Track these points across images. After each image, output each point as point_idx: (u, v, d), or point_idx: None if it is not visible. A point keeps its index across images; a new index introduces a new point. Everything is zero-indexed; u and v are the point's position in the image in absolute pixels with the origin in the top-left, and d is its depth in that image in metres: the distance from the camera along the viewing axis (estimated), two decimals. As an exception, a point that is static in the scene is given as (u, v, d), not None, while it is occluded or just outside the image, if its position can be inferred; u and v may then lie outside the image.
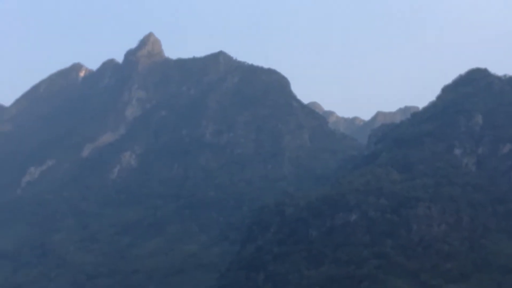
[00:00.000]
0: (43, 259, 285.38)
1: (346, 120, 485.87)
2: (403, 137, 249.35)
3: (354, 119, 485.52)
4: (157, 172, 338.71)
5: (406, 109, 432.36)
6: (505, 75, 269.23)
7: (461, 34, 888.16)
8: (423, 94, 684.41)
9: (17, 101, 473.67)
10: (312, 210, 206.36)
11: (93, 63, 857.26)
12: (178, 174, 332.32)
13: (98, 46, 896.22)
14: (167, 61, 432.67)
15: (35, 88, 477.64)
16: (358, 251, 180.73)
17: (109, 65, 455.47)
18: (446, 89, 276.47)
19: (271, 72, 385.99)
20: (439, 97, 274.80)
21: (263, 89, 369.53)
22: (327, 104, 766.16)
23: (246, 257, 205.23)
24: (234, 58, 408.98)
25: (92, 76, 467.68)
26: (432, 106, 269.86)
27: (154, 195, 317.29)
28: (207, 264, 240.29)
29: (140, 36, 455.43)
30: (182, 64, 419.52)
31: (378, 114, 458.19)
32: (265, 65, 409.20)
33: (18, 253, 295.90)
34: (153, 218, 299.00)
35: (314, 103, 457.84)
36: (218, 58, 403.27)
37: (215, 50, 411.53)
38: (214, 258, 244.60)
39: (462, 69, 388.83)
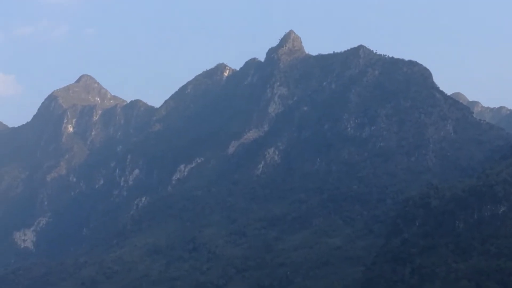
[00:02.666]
0: (194, 253, 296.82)
1: (491, 110, 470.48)
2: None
3: (501, 108, 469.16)
4: (300, 166, 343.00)
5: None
6: None
7: None
8: None
9: (166, 102, 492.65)
10: (458, 202, 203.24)
11: (236, 63, 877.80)
12: (321, 168, 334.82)
13: (241, 46, 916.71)
14: (308, 57, 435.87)
15: (182, 89, 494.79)
16: (508, 243, 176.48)
17: (252, 64, 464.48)
18: None
19: (412, 64, 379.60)
20: None
21: (404, 81, 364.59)
22: (471, 94, 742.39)
23: (391, 250, 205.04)
24: (374, 51, 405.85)
25: (236, 75, 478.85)
26: None
27: (298, 190, 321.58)
28: (352, 257, 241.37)
29: (281, 34, 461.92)
30: (323, 59, 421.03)
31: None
32: (406, 57, 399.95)
33: (171, 247, 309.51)
34: (297, 212, 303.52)
35: (458, 94, 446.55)
36: (358, 52, 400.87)
37: (354, 44, 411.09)
38: (359, 251, 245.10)
39: None
